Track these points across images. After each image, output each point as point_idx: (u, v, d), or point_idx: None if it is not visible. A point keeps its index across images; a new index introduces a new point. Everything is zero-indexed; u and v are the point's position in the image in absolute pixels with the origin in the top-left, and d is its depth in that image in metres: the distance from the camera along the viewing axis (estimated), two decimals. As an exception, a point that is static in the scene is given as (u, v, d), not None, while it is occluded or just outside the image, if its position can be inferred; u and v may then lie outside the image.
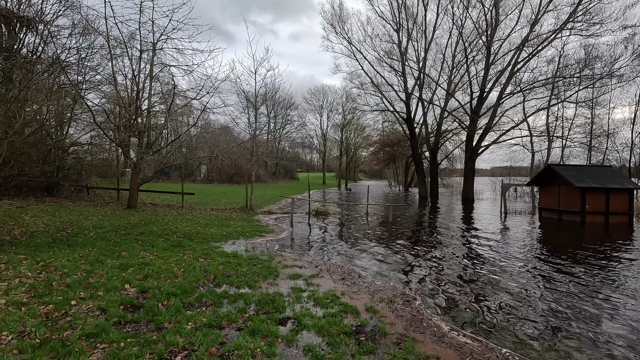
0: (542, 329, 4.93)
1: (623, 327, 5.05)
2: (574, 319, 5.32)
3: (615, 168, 22.58)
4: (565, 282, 7.16)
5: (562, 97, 28.66)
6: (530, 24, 25.82)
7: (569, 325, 5.09)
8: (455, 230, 14.01)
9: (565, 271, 7.98)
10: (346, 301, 5.51)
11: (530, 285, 6.90)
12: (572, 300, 6.08)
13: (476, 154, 29.69)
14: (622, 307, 5.84)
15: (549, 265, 8.50)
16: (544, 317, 5.36)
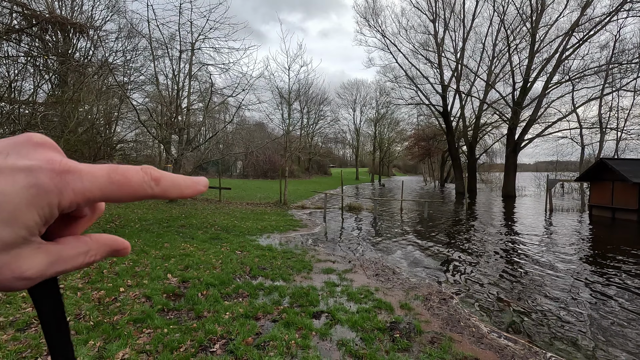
0: (585, 337, 4.61)
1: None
2: (619, 333, 4.92)
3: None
4: (616, 290, 6.63)
5: (617, 86, 26.35)
6: (581, 7, 23.92)
7: (612, 337, 4.72)
8: (495, 228, 13.40)
9: (618, 278, 7.39)
10: (380, 297, 5.46)
11: (577, 291, 6.46)
12: (622, 314, 5.62)
13: (518, 148, 28.15)
14: (687, 314, 5.32)
15: (600, 270, 7.91)
16: (589, 326, 5.00)
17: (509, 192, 28.06)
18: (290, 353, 3.68)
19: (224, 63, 16.85)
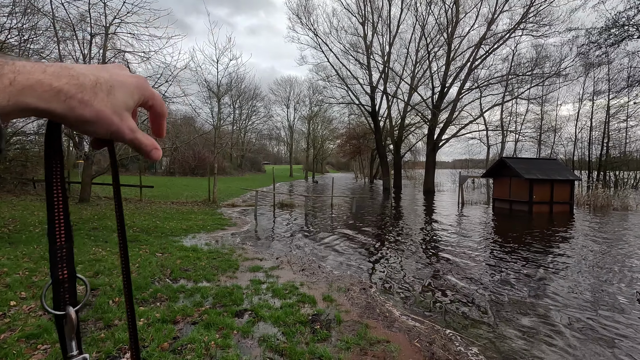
0: (486, 312, 5.31)
1: (560, 313, 5.56)
2: (516, 304, 5.77)
3: (560, 161, 24.39)
4: (513, 269, 7.72)
5: (515, 94, 30.38)
6: (487, 22, 27.02)
7: (511, 309, 5.52)
8: (416, 220, 14.57)
9: (513, 259, 8.59)
10: (304, 291, 5.61)
11: (480, 272, 7.37)
12: (517, 287, 6.58)
13: (437, 147, 30.86)
14: (560, 291, 6.41)
15: (499, 253, 9.10)
16: (489, 301, 5.77)
17: (429, 188, 30.64)
18: (209, 354, 3.61)
19: (144, 51, 15.57)
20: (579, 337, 4.53)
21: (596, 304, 5.67)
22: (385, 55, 32.07)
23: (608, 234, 11.84)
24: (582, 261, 8.35)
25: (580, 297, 5.97)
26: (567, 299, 5.88)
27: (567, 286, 6.52)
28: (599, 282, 6.84)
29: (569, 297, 5.95)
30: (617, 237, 11.41)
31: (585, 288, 6.44)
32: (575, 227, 13.44)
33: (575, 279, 6.99)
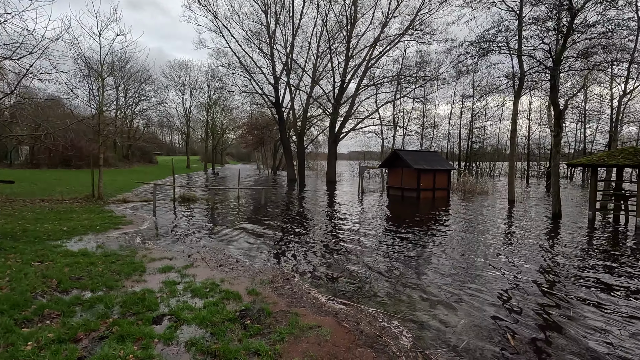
0: (391, 286, 5.90)
1: (440, 275, 6.52)
2: (411, 274, 6.56)
3: (439, 153, 28.35)
4: (406, 245, 8.72)
5: (403, 93, 33.99)
6: (381, 25, 29.43)
7: (408, 279, 6.24)
8: (321, 209, 15.21)
9: (406, 237, 9.70)
10: (227, 288, 5.36)
11: (381, 252, 8.12)
12: (412, 260, 7.46)
13: (338, 140, 32.58)
14: (440, 260, 7.51)
15: (395, 234, 10.16)
16: (392, 277, 6.42)
17: (331, 178, 32.23)
18: (128, 370, 3.17)
19: (-4, 12, 12.36)
20: (460, 294, 5.43)
21: (463, 269, 6.84)
22: (288, 47, 32.21)
23: (471, 214, 14.33)
24: (454, 235, 9.95)
25: (456, 266, 7.11)
26: (444, 266, 6.96)
27: (444, 256, 7.70)
28: (466, 251, 8.25)
29: (448, 265, 7.04)
30: (477, 215, 13.91)
31: (456, 255, 7.71)
32: (451, 208, 15.89)
33: (449, 251, 8.29)
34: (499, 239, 9.83)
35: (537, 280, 6.33)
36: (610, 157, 12.16)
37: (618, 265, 7.32)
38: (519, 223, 12.35)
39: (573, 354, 3.88)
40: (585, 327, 4.52)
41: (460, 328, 4.42)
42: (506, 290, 5.82)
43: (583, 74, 17.85)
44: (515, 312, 4.97)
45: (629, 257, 8.03)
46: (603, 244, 9.43)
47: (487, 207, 16.42)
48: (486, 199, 19.66)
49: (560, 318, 4.80)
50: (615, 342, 4.15)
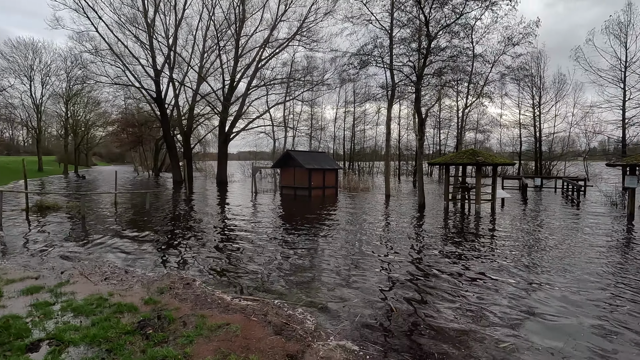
0: (292, 278, 6.32)
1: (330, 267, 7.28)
2: (307, 265, 7.12)
3: (328, 154, 30.37)
4: (301, 240, 9.30)
5: (292, 95, 35.20)
6: (270, 28, 29.85)
7: (305, 270, 6.78)
8: (214, 211, 14.76)
9: (300, 233, 10.31)
10: (118, 301, 4.90)
11: (279, 247, 8.50)
12: (307, 253, 8.05)
13: (228, 139, 31.73)
14: (332, 249, 8.33)
15: (290, 230, 10.68)
16: (292, 269, 6.85)
17: (222, 179, 31.19)
18: (4, 407, 2.72)
19: None
20: (349, 277, 6.22)
21: (351, 255, 7.79)
22: (171, 38, 29.82)
23: (356, 208, 16.01)
24: (343, 227, 11.07)
25: (345, 253, 8.02)
26: (335, 254, 7.79)
27: (336, 245, 8.59)
28: (353, 240, 9.34)
29: (338, 253, 7.89)
30: (361, 208, 15.64)
31: (345, 244, 8.68)
32: (339, 204, 17.37)
33: (339, 241, 9.25)
34: (379, 226, 11.30)
35: (409, 258, 7.60)
36: (457, 157, 15.16)
37: (463, 241, 9.32)
38: (393, 213, 14.34)
39: (437, 311, 4.91)
40: (443, 290, 5.71)
41: (354, 305, 5.08)
42: (387, 269, 6.84)
43: (438, 88, 21.66)
44: (395, 285, 5.93)
45: (471, 234, 10.28)
46: (455, 225, 11.78)
47: (369, 201, 18.47)
48: (367, 194, 22.03)
49: (426, 287, 5.94)
50: (463, 300, 5.40)
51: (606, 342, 4.12)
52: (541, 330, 4.42)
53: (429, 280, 6.29)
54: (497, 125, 40.68)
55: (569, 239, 9.61)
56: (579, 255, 7.92)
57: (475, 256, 7.93)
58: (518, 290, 5.76)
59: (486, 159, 14.53)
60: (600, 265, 7.12)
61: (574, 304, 5.20)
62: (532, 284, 6.10)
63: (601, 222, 12.05)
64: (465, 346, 4.00)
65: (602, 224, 11.82)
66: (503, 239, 9.72)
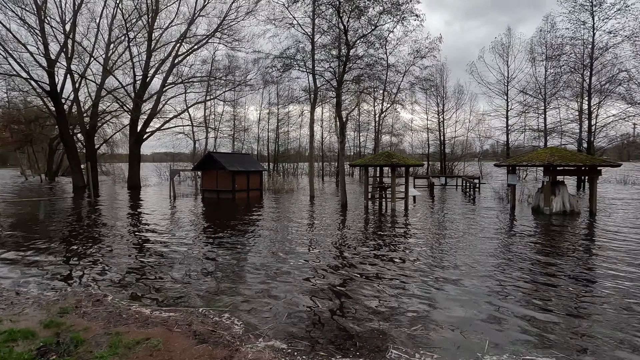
0: (217, 284, 6.19)
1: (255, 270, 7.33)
2: (233, 269, 7.04)
3: (252, 155, 29.88)
4: (225, 244, 9.11)
5: (214, 95, 33.84)
6: (187, 22, 28.26)
7: (231, 275, 6.70)
8: (126, 219, 13.52)
9: (224, 236, 10.07)
10: (9, 327, 4.25)
11: (202, 253, 8.21)
12: (233, 256, 7.93)
13: (141, 140, 29.18)
14: (257, 251, 8.35)
15: (214, 234, 10.35)
16: (217, 274, 6.71)
17: (134, 183, 28.51)
18: None
19: None
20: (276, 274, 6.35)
21: (277, 256, 7.95)
22: (68, 24, 26.29)
23: (281, 210, 16.17)
24: (268, 228, 11.14)
25: (271, 254, 8.13)
26: (261, 256, 7.86)
27: (261, 246, 8.64)
28: (278, 240, 9.49)
29: (263, 254, 7.97)
30: (286, 209, 15.85)
31: (270, 245, 8.79)
32: (264, 206, 17.29)
33: (265, 243, 9.32)
34: (304, 227, 11.60)
35: (333, 255, 7.99)
36: (375, 159, 16.30)
37: (381, 237, 10.11)
38: (318, 214, 14.82)
39: (358, 302, 5.29)
40: (364, 282, 6.17)
41: (282, 304, 5.19)
42: (312, 267, 7.11)
43: (357, 94, 22.97)
44: (320, 282, 6.20)
45: (388, 229, 11.17)
46: (374, 222, 12.66)
47: (293, 202, 18.75)
48: (292, 195, 22.31)
49: (349, 280, 6.34)
50: (383, 291, 5.90)
51: (497, 300, 4.92)
52: (447, 305, 5.08)
53: (351, 275, 6.71)
54: (408, 129, 44.52)
55: (467, 228, 11.09)
56: (473, 240, 9.21)
57: (392, 249, 8.67)
58: (428, 275, 6.49)
59: (399, 160, 15.89)
60: (489, 246, 8.39)
61: (472, 277, 6.07)
62: (440, 268, 6.93)
63: (491, 215, 14.13)
64: (383, 332, 4.41)
65: (492, 216, 13.87)
66: (415, 232, 10.79)
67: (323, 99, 23.48)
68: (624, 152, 31.69)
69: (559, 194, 14.32)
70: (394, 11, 16.54)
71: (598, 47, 26.69)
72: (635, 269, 7.00)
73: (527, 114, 33.80)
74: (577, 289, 5.99)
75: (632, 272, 6.76)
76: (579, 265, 7.32)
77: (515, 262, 7.58)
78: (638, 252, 8.33)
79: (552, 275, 6.68)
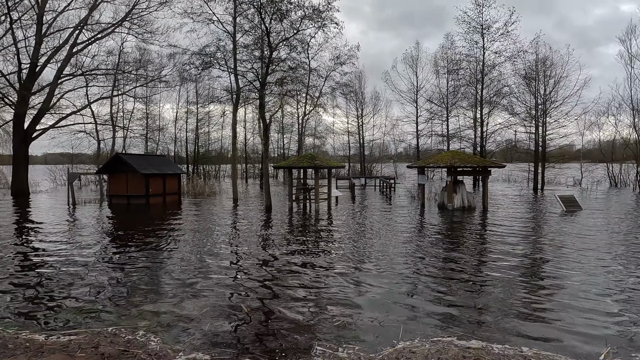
0: (129, 299, 5.67)
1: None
2: (147, 283, 6.54)
3: (168, 157, 27.81)
4: (137, 254, 8.38)
5: (122, 90, 30.66)
6: (89, 7, 25.14)
7: (145, 287, 6.21)
8: (8, 232, 11.51)
9: (137, 246, 9.25)
10: None
11: (110, 266, 7.43)
12: (146, 267, 7.33)
13: (30, 139, 25.07)
14: (175, 260, 7.89)
15: (121, 246, 9.43)
16: (128, 289, 6.14)
17: (21, 189, 24.30)
18: None
19: None
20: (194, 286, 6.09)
21: (198, 265, 7.64)
22: None
23: (202, 215, 15.44)
24: (187, 236, 10.57)
25: (190, 263, 7.75)
26: (180, 266, 7.46)
27: (179, 257, 8.19)
28: (198, 248, 9.10)
29: (182, 262, 7.57)
30: (208, 215, 15.18)
31: (189, 254, 8.39)
32: (183, 211, 16.28)
33: (183, 251, 8.85)
34: (227, 231, 11.24)
35: (258, 258, 7.91)
36: (299, 161, 16.55)
37: (305, 237, 10.31)
38: (242, 217, 14.48)
39: (285, 306, 5.34)
40: (289, 284, 6.24)
41: (204, 314, 4.96)
42: (236, 272, 6.94)
43: (280, 96, 23.01)
44: (245, 286, 6.09)
45: (312, 230, 11.45)
46: (298, 223, 12.83)
47: (216, 207, 18.01)
48: (215, 199, 21.41)
49: (275, 283, 6.35)
50: (309, 291, 6.04)
51: (410, 289, 5.41)
52: (366, 298, 5.42)
53: (275, 276, 6.72)
54: (331, 132, 46.17)
55: (384, 225, 11.95)
56: (390, 236, 9.97)
57: (315, 249, 8.91)
58: (349, 272, 6.84)
59: (322, 162, 16.40)
60: (402, 240, 9.18)
61: (388, 271, 6.57)
62: (359, 263, 7.35)
63: (405, 213, 15.43)
64: (309, 330, 4.53)
65: (405, 214, 15.16)
66: (337, 230, 11.25)
67: (246, 99, 22.99)
68: (507, 155, 37.37)
69: (459, 192, 16.29)
70: (315, 17, 17.02)
71: (487, 64, 31.08)
72: (512, 250, 8.36)
73: (433, 121, 37.75)
74: (473, 272, 6.91)
75: (512, 255, 8.06)
76: (474, 254, 8.46)
77: (425, 255, 8.41)
78: (516, 239, 9.96)
79: (454, 261, 7.60)
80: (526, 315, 4.99)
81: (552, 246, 9.11)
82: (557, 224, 12.57)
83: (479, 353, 3.84)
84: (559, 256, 8.13)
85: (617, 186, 29.86)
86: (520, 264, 7.58)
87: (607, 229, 11.46)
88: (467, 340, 4.19)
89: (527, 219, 13.84)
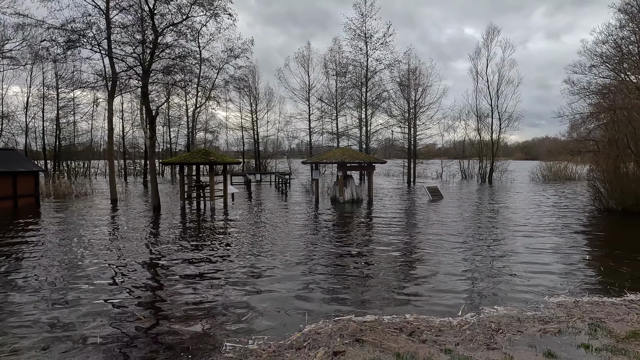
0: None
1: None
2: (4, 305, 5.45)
3: (18, 151, 22.61)
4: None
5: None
6: None
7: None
8: None
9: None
10: None
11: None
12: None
13: None
14: (37, 272, 6.73)
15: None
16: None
17: None
18: None
19: None
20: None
21: (68, 272, 6.71)
22: None
23: (70, 219, 13.26)
24: (52, 244, 9.04)
25: (63, 272, 6.73)
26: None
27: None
28: (67, 256, 7.93)
29: (50, 274, 6.53)
30: (77, 219, 13.12)
31: (56, 262, 7.27)
32: (43, 217, 13.61)
33: (49, 260, 7.59)
34: (105, 235, 9.96)
35: (147, 262, 7.27)
36: (191, 157, 15.56)
37: (200, 237, 9.89)
38: (124, 219, 12.93)
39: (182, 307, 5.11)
40: (186, 288, 5.97)
41: (91, 328, 4.40)
42: (123, 280, 6.27)
43: (168, 86, 21.13)
44: (135, 293, 5.57)
45: (207, 229, 11.00)
46: (192, 223, 12.14)
47: (89, 209, 15.60)
48: (86, 201, 18.47)
49: (168, 287, 5.99)
50: (206, 292, 5.87)
51: (308, 277, 5.78)
52: (269, 290, 5.59)
53: (170, 280, 6.33)
54: (224, 127, 44.42)
55: (280, 219, 12.27)
56: (287, 230, 10.33)
57: (212, 248, 8.65)
58: (247, 271, 6.89)
59: (217, 158, 15.79)
60: (300, 233, 9.64)
61: (287, 262, 6.86)
62: (259, 257, 7.46)
63: (301, 207, 16.09)
64: (214, 330, 4.46)
65: (301, 210, 15.82)
66: (234, 229, 11.08)
67: (125, 87, 20.27)
68: (387, 152, 42.17)
69: (349, 186, 17.76)
70: (207, 5, 16.15)
71: (370, 70, 34.31)
72: (392, 237, 9.68)
73: (324, 119, 39.86)
74: (361, 255, 7.77)
75: (392, 239, 9.33)
76: (361, 242, 9.48)
77: (320, 244, 9.03)
78: (394, 226, 11.50)
79: (345, 245, 8.38)
80: (402, 289, 5.92)
81: (422, 234, 10.83)
82: (425, 212, 14.91)
83: (373, 324, 4.42)
84: (425, 241, 9.76)
85: (466, 178, 36.78)
86: (397, 249, 8.82)
87: (459, 217, 14.15)
88: (363, 316, 4.77)
89: (403, 209, 16.01)
